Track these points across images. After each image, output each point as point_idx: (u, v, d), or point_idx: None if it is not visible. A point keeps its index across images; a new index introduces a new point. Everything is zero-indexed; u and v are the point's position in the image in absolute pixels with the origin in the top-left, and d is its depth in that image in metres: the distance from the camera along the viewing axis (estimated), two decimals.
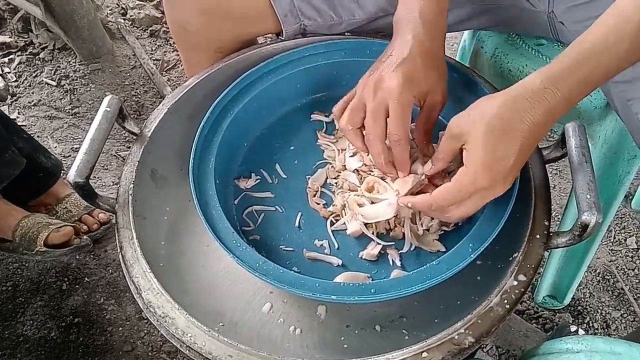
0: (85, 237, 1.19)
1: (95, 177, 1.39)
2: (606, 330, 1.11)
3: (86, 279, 1.21)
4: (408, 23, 0.65)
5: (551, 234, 0.62)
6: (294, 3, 0.80)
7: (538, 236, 0.61)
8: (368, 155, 0.68)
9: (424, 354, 0.54)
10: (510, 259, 0.60)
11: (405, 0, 0.67)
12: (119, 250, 0.64)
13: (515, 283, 0.58)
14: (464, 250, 0.58)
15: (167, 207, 0.68)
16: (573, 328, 1.00)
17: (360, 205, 0.67)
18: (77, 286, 1.20)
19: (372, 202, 0.67)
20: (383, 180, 0.68)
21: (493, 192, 0.56)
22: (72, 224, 1.19)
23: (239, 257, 0.58)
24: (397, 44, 0.65)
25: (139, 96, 1.56)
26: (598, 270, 1.19)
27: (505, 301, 0.57)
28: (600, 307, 1.14)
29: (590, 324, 1.11)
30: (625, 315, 1.13)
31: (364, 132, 0.65)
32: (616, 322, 1.12)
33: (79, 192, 0.64)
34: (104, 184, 1.36)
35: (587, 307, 1.13)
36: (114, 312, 1.16)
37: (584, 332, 1.00)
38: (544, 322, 1.10)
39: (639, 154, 0.78)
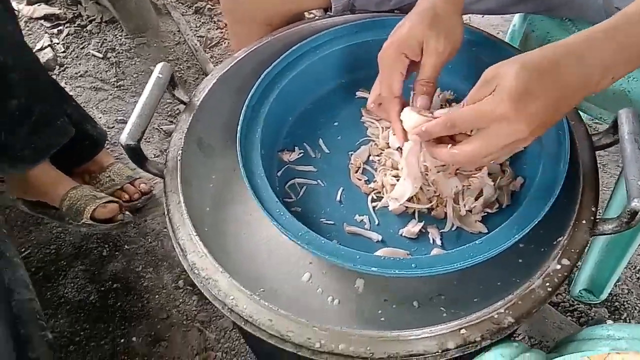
0: (127, 213, 1.23)
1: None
2: None
3: (126, 246, 1.24)
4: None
5: (597, 220, 0.61)
6: None
7: (584, 221, 0.61)
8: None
9: (462, 331, 0.54)
10: (555, 242, 0.59)
11: None
12: (166, 214, 0.66)
13: (559, 267, 0.58)
14: (508, 232, 0.58)
15: (213, 175, 0.69)
16: (609, 322, 0.98)
17: (392, 186, 0.67)
18: (116, 253, 1.24)
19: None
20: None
21: (513, 130, 0.51)
22: (117, 200, 1.23)
23: (282, 226, 0.59)
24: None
25: (182, 72, 1.58)
26: (638, 267, 1.16)
27: (547, 284, 0.57)
28: (638, 305, 1.11)
29: (627, 321, 1.09)
30: None
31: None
32: None
33: (130, 155, 0.66)
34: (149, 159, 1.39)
35: (625, 303, 1.11)
36: (151, 280, 1.19)
37: None
38: (579, 316, 1.08)
39: None
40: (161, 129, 1.46)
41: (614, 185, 0.88)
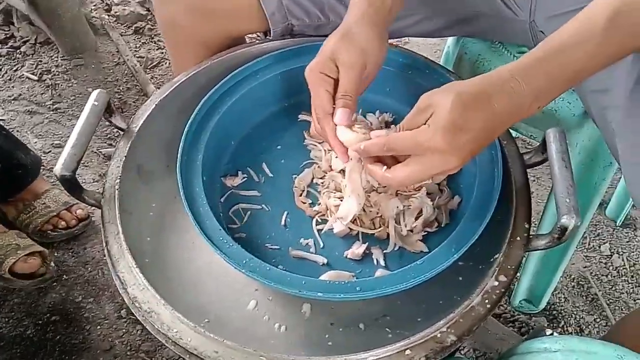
0: (52, 265, 1.18)
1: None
2: (580, 334, 1.14)
3: (64, 276, 1.19)
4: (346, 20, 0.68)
5: (531, 237, 0.64)
6: (282, 2, 0.81)
7: (519, 238, 0.63)
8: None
9: (407, 352, 0.55)
10: (492, 260, 0.62)
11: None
12: (104, 245, 0.64)
13: (496, 283, 0.60)
14: (447, 251, 0.59)
15: (153, 203, 0.68)
16: (548, 332, 1.02)
17: (336, 207, 0.68)
18: (54, 284, 1.18)
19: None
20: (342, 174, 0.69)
21: (444, 161, 0.54)
22: (42, 250, 1.18)
23: (226, 254, 0.58)
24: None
25: (122, 93, 1.55)
26: (573, 276, 1.21)
27: (487, 301, 0.59)
28: (575, 312, 1.16)
29: (565, 328, 1.14)
30: (598, 319, 1.16)
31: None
32: (589, 326, 1.14)
33: (65, 186, 0.64)
34: (84, 180, 1.34)
35: (562, 311, 1.16)
36: (92, 311, 1.15)
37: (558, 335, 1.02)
38: (520, 326, 1.12)
39: (614, 162, 0.81)
40: (100, 152, 1.42)
41: (547, 199, 0.92)
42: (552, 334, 0.99)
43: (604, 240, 1.27)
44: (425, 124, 0.54)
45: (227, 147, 0.76)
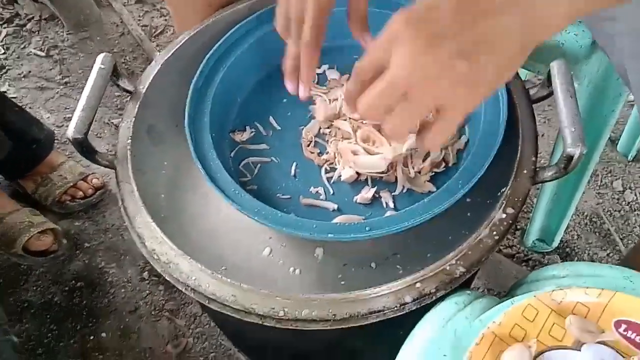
0: (65, 242, 1.21)
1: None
2: None
3: (86, 244, 1.23)
4: None
5: (538, 169, 0.64)
6: None
7: (525, 171, 0.64)
8: None
9: (418, 284, 0.57)
10: (499, 193, 0.62)
11: None
12: (120, 204, 0.66)
13: (504, 216, 0.61)
14: (454, 188, 0.60)
15: (165, 161, 0.69)
16: None
17: (354, 153, 0.69)
18: (77, 252, 1.22)
19: (367, 152, 0.69)
20: (380, 132, 0.69)
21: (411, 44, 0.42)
22: (54, 227, 1.21)
23: (238, 204, 0.60)
24: None
25: (129, 63, 1.56)
26: (585, 213, 1.22)
27: (494, 232, 0.60)
28: (588, 248, 1.17)
29: None
30: (611, 254, 1.17)
31: None
32: (602, 261, 1.15)
33: (78, 148, 0.65)
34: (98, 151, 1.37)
35: (575, 248, 1.17)
36: (115, 275, 1.19)
37: None
38: (533, 265, 1.14)
39: (623, 92, 0.81)
40: (112, 122, 1.43)
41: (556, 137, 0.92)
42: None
43: (616, 176, 1.27)
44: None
45: (234, 102, 0.76)
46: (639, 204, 1.22)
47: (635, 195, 1.23)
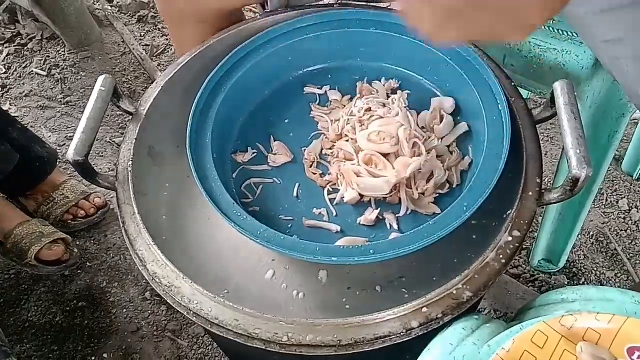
0: (76, 251, 1.21)
1: (95, 164, 1.39)
2: None
3: (88, 263, 1.22)
4: None
5: (543, 191, 0.63)
6: None
7: (531, 193, 0.63)
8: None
9: (424, 309, 0.56)
10: (504, 216, 0.62)
11: None
12: (121, 226, 0.65)
13: (510, 239, 0.60)
14: (459, 210, 0.60)
15: (167, 183, 0.69)
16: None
17: (357, 175, 0.68)
18: (79, 271, 1.21)
19: (371, 175, 0.68)
20: (385, 157, 0.69)
21: None
22: (65, 237, 1.21)
23: (241, 226, 0.59)
24: None
25: (130, 82, 1.56)
26: (591, 233, 1.21)
27: (501, 256, 0.59)
28: (595, 269, 1.16)
29: (585, 285, 1.13)
30: (619, 275, 1.15)
31: None
32: (610, 282, 1.14)
33: (79, 170, 0.65)
34: (100, 170, 1.36)
35: (582, 268, 1.15)
36: (118, 295, 1.18)
37: None
38: (540, 285, 1.12)
39: (627, 113, 0.80)
40: (114, 142, 1.43)
41: (560, 156, 0.92)
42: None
43: (621, 195, 1.26)
44: None
45: (235, 123, 0.76)
46: None
47: None
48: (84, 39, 1.63)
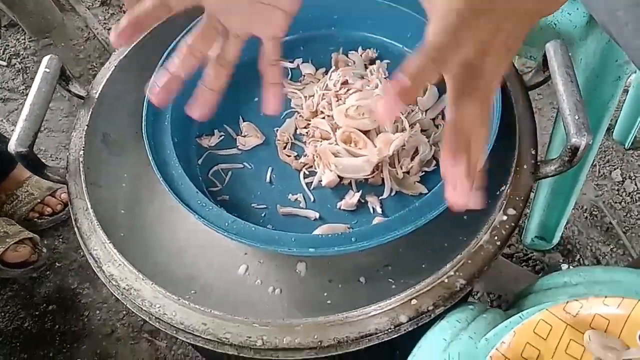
0: (44, 251, 1.14)
1: (58, 157, 1.32)
2: (597, 265, 1.09)
3: (57, 264, 1.15)
4: None
5: (539, 163, 0.58)
6: None
7: (525, 166, 0.57)
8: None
9: (413, 301, 0.50)
10: (498, 193, 0.56)
11: None
12: (73, 223, 0.58)
13: (505, 218, 0.55)
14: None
15: (125, 173, 0.62)
16: (564, 267, 0.98)
17: (335, 155, 0.62)
18: (48, 272, 1.15)
19: (350, 154, 0.62)
20: (365, 134, 0.63)
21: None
22: (32, 236, 1.13)
23: (205, 218, 0.53)
24: None
25: (96, 69, 1.48)
26: (585, 207, 1.16)
27: (496, 237, 0.54)
28: (590, 244, 1.12)
29: (581, 261, 1.09)
30: (614, 249, 1.11)
31: None
32: (606, 256, 1.10)
33: (24, 163, 0.58)
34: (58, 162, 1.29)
35: (577, 244, 1.11)
36: (90, 296, 1.11)
37: None
38: (534, 264, 1.08)
39: (623, 76, 0.74)
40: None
41: (552, 127, 0.86)
42: (568, 269, 0.95)
43: (614, 166, 1.21)
44: None
45: None
46: None
47: (636, 185, 1.18)
48: (45, 25, 1.54)
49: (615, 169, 1.20)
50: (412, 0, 0.69)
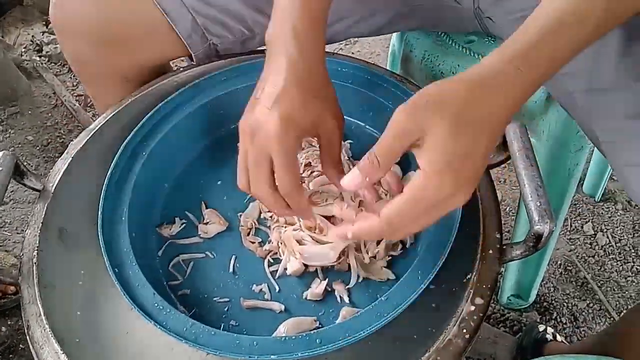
0: (3, 328, 1.09)
1: (23, 229, 1.28)
2: (574, 323, 1.08)
3: (20, 345, 1.10)
4: (279, 42, 0.55)
5: (504, 247, 0.57)
6: (197, 22, 0.73)
7: (491, 251, 0.57)
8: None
9: None
10: (465, 280, 0.55)
11: (276, 15, 0.57)
12: (25, 330, 0.55)
13: (473, 308, 0.53)
14: (414, 277, 0.53)
15: (81, 269, 0.59)
16: (541, 327, 0.97)
17: (299, 242, 0.61)
18: (11, 355, 1.09)
19: (315, 241, 0.61)
20: (329, 220, 0.61)
21: (455, 200, 0.46)
22: None
23: (161, 324, 0.51)
24: (270, 71, 0.55)
25: (64, 136, 1.46)
26: (559, 262, 1.16)
27: (464, 330, 0.52)
28: (566, 300, 1.11)
29: (558, 319, 1.08)
30: (591, 304, 1.10)
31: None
32: (583, 313, 1.09)
33: None
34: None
35: (553, 301, 1.10)
36: None
37: (552, 330, 0.97)
38: (511, 325, 1.06)
39: (585, 145, 0.75)
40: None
41: (517, 200, 0.86)
42: (545, 330, 0.94)
43: (585, 219, 1.22)
44: (406, 153, 0.46)
45: (160, 191, 0.67)
46: (613, 247, 1.17)
47: (608, 237, 1.18)
48: (11, 94, 1.52)
49: (586, 222, 1.21)
50: (372, 82, 0.70)
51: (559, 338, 0.97)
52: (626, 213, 1.22)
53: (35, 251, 0.59)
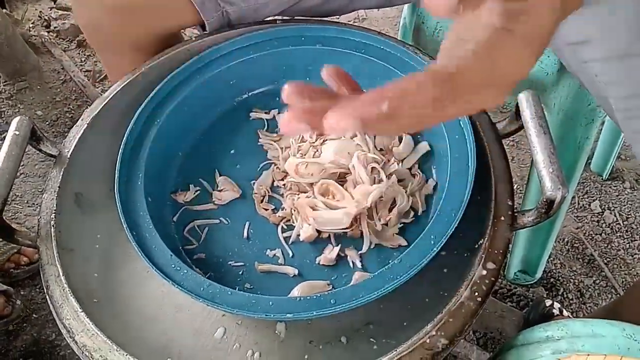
0: (18, 303, 1.10)
1: (35, 203, 1.29)
2: (580, 299, 1.09)
3: (34, 315, 1.12)
4: None
5: (516, 214, 0.58)
6: None
7: (502, 218, 0.57)
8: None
9: None
10: (476, 246, 0.56)
11: None
12: (45, 291, 0.57)
13: (484, 272, 0.54)
14: (426, 243, 0.53)
15: (98, 234, 0.61)
16: (548, 302, 0.97)
17: (313, 208, 0.62)
18: (24, 324, 1.11)
19: (327, 207, 0.61)
20: (342, 186, 0.62)
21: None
22: (6, 289, 1.10)
23: (179, 283, 0.52)
24: None
25: (73, 111, 1.46)
26: (566, 239, 1.16)
27: (476, 293, 0.53)
28: (573, 276, 1.12)
29: (565, 295, 1.09)
30: (597, 281, 1.11)
31: None
32: (589, 289, 1.10)
33: None
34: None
35: (560, 277, 1.11)
36: (69, 347, 1.07)
37: (559, 305, 0.98)
38: (518, 300, 1.07)
39: (596, 118, 0.75)
40: None
41: (527, 174, 0.86)
42: (552, 305, 0.95)
43: (593, 197, 1.22)
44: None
45: (174, 159, 0.68)
46: (620, 225, 1.17)
47: (615, 215, 1.18)
48: (20, 68, 1.52)
49: (594, 200, 1.21)
50: (383, 51, 0.70)
51: (565, 313, 0.98)
52: (634, 191, 1.22)
53: (53, 214, 0.60)
